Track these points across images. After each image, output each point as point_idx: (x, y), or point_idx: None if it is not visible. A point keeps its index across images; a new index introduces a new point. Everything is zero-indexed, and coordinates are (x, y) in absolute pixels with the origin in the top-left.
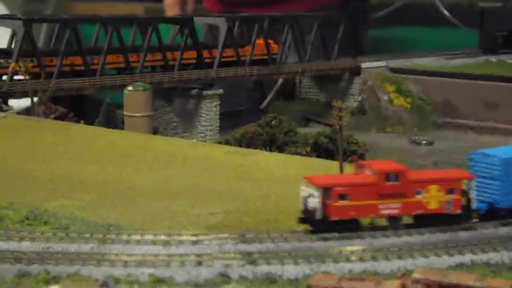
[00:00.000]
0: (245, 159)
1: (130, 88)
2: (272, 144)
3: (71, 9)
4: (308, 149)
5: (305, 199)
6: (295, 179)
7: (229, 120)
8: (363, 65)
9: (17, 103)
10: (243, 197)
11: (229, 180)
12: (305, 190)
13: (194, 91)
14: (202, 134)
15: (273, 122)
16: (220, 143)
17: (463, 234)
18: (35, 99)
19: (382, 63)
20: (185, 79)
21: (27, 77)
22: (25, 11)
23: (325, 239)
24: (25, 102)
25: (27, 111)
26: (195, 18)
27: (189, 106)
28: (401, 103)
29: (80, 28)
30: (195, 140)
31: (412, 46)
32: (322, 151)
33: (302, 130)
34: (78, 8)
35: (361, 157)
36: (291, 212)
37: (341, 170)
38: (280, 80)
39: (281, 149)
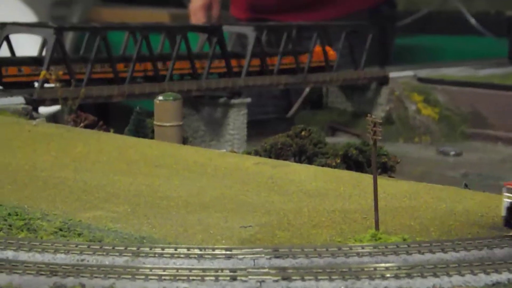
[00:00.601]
0: (275, 171)
1: (160, 97)
2: (302, 155)
3: (97, 15)
4: (338, 160)
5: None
6: (327, 191)
7: (256, 128)
8: (391, 74)
9: (44, 110)
10: (275, 210)
11: (261, 192)
12: (509, 196)
13: (221, 100)
14: (229, 143)
15: (302, 133)
16: (249, 153)
17: (499, 252)
18: (65, 106)
19: (409, 73)
20: (213, 87)
21: (57, 85)
22: (53, 17)
23: (359, 255)
24: (52, 108)
25: (53, 117)
26: (224, 27)
27: (216, 115)
28: (429, 113)
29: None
30: (224, 150)
31: (439, 55)
32: (352, 162)
33: (329, 140)
34: (104, 14)
35: (391, 168)
36: (324, 226)
37: (375, 185)
38: (307, 89)
39: (310, 160)
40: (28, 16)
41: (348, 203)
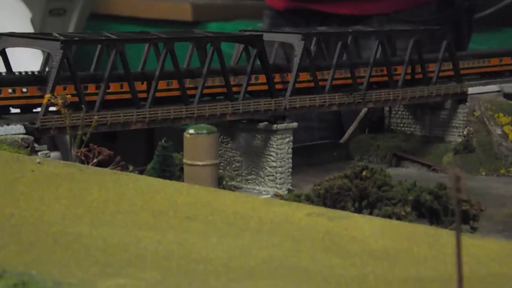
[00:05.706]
0: (333, 224)
1: (191, 130)
2: (363, 200)
3: (105, 7)
4: (408, 209)
5: None
6: (397, 253)
7: (301, 157)
8: (470, 89)
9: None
10: (335, 277)
11: (316, 253)
12: None
13: (262, 125)
14: (271, 177)
15: (363, 173)
16: (298, 196)
17: None
18: (73, 137)
19: (494, 87)
20: (252, 110)
21: (65, 111)
22: (50, 10)
23: None
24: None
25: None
26: (264, 35)
27: (255, 143)
28: None
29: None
30: (268, 194)
31: None
32: (426, 210)
33: (393, 172)
34: (114, 6)
35: (474, 218)
36: None
37: (459, 248)
38: (365, 109)
39: (373, 206)
40: (18, 8)
41: (424, 269)
